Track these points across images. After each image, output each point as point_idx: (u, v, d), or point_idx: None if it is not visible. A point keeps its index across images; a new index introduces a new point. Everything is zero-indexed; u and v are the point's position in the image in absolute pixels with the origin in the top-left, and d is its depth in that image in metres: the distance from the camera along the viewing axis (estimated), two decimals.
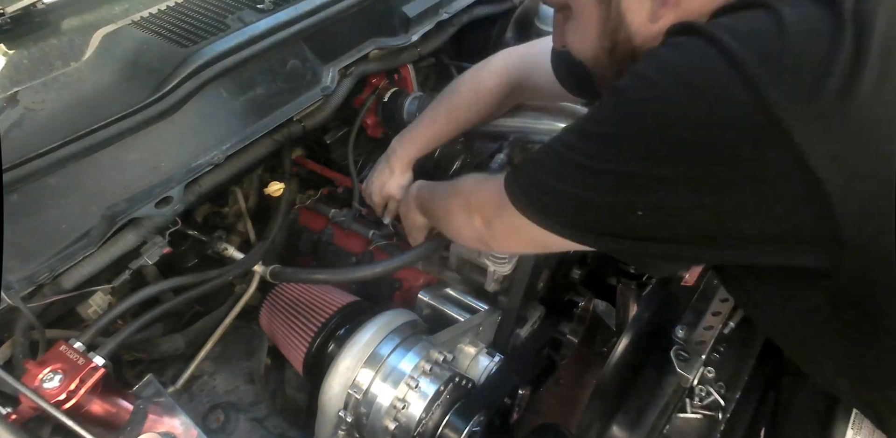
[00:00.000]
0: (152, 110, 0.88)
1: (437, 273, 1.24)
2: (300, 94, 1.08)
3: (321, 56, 1.13)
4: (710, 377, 0.91)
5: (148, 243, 0.91)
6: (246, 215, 1.21)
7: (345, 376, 0.94)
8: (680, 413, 0.91)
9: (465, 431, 0.92)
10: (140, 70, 0.93)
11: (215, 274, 0.99)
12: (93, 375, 0.76)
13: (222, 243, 1.07)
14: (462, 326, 1.08)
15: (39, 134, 0.82)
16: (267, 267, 1.04)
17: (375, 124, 1.32)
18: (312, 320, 1.05)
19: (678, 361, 0.89)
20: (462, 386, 0.98)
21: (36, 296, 0.81)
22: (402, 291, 1.22)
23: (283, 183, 1.14)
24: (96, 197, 0.86)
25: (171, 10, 1.04)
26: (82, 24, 1.08)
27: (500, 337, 1.14)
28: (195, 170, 0.93)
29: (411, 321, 1.03)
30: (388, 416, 0.92)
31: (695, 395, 0.91)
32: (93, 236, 0.84)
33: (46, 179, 0.82)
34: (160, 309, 0.92)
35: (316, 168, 1.34)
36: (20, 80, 0.89)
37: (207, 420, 1.05)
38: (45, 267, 0.80)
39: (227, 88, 0.98)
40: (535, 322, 1.24)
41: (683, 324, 0.94)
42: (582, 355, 1.71)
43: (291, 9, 1.06)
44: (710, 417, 0.90)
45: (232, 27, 1.01)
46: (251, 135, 1.01)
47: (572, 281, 1.34)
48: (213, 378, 1.10)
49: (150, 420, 0.78)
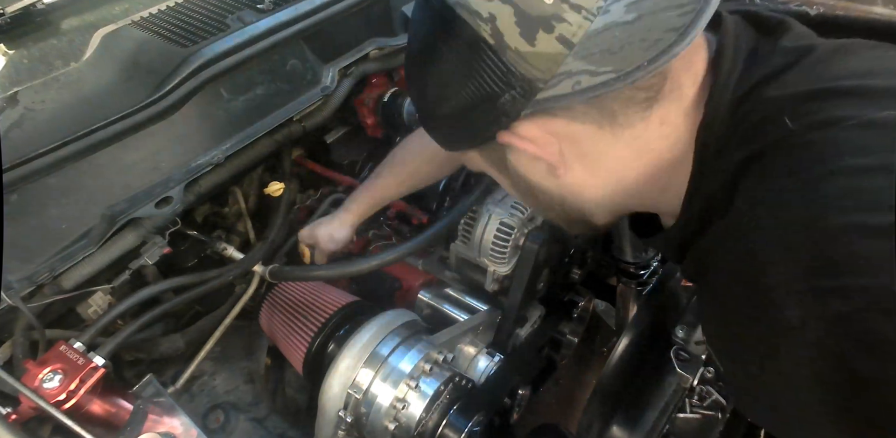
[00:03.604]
0: (152, 110, 0.88)
1: (437, 273, 1.24)
2: (300, 94, 1.08)
3: (321, 56, 1.13)
4: (710, 377, 0.91)
5: (148, 243, 0.91)
6: (246, 215, 1.21)
7: (345, 376, 0.94)
8: (680, 413, 0.91)
9: (465, 431, 0.92)
10: (140, 70, 0.93)
11: (215, 274, 0.99)
12: (93, 375, 0.76)
13: (222, 243, 1.07)
14: (462, 326, 1.08)
15: (39, 134, 0.82)
16: (267, 267, 1.04)
17: (375, 124, 1.32)
18: (312, 320, 1.05)
19: (678, 361, 0.89)
20: (462, 386, 0.98)
21: (36, 296, 0.81)
22: (402, 291, 1.22)
23: (283, 183, 1.14)
24: (96, 197, 0.86)
25: (171, 10, 1.04)
26: (82, 24, 1.08)
27: (500, 337, 1.14)
28: (195, 170, 0.93)
29: (411, 321, 1.03)
30: (388, 416, 0.92)
31: (695, 395, 0.91)
32: (93, 236, 0.84)
33: (46, 179, 0.82)
34: (160, 309, 0.92)
35: (316, 168, 1.34)
36: (20, 80, 0.89)
37: (207, 420, 1.05)
38: (45, 267, 0.80)
39: (227, 88, 0.98)
40: (535, 322, 1.24)
41: (683, 324, 0.94)
42: (582, 355, 1.71)
43: (291, 9, 1.06)
44: (710, 417, 0.90)
45: (232, 27, 1.01)
46: (251, 135, 1.01)
47: (572, 281, 1.34)
48: (213, 378, 1.10)
49: (150, 420, 0.78)
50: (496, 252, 1.08)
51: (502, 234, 1.07)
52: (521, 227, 1.08)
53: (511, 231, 1.07)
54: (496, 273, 1.13)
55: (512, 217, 1.07)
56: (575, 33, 0.46)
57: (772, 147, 0.48)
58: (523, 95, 0.50)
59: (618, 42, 0.46)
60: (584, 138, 0.54)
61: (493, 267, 1.11)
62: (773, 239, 0.44)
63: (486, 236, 1.08)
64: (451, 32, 0.51)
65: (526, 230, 1.08)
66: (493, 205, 1.09)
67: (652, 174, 0.57)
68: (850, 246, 0.40)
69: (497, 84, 0.50)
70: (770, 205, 0.46)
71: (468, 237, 1.11)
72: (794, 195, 0.44)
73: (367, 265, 0.99)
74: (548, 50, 0.47)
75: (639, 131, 0.53)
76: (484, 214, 1.09)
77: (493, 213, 1.08)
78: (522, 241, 1.07)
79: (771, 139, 0.48)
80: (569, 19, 0.46)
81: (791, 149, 0.47)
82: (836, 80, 0.49)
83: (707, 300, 0.57)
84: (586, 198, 0.61)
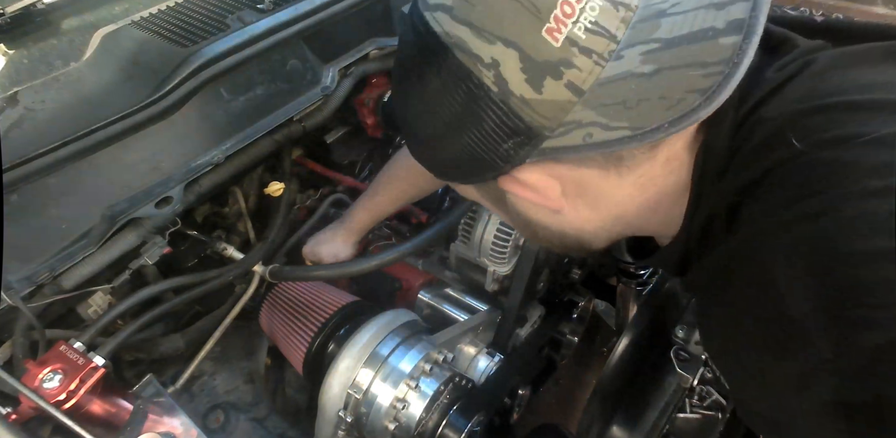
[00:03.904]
0: (152, 110, 0.88)
1: (437, 273, 1.24)
2: (300, 94, 1.08)
3: (321, 56, 1.13)
4: (710, 377, 0.91)
5: (148, 243, 0.91)
6: (246, 215, 1.21)
7: (345, 376, 0.94)
8: (680, 413, 0.91)
9: (465, 431, 0.92)
10: (140, 70, 0.93)
11: (215, 274, 0.99)
12: (93, 375, 0.76)
13: (222, 243, 1.07)
14: (462, 326, 1.08)
15: (39, 134, 0.82)
16: (267, 267, 1.04)
17: (375, 124, 1.32)
18: (312, 320, 1.05)
19: (678, 361, 0.89)
20: (462, 386, 0.98)
21: (36, 296, 0.81)
22: (402, 291, 1.22)
23: (283, 183, 1.14)
24: (96, 197, 0.86)
25: (171, 10, 1.04)
26: (82, 24, 1.08)
27: (500, 337, 1.14)
28: (195, 170, 0.93)
29: (411, 321, 1.03)
30: (388, 416, 0.92)
31: (695, 395, 0.91)
32: (93, 236, 0.84)
33: (46, 179, 0.82)
34: (160, 309, 0.92)
35: (316, 168, 1.34)
36: (20, 80, 0.89)
37: (207, 420, 1.05)
38: (45, 267, 0.80)
39: (227, 88, 0.98)
40: (535, 322, 1.24)
41: (683, 324, 0.94)
42: (582, 355, 1.71)
43: (291, 9, 1.06)
44: (710, 417, 0.90)
45: (232, 27, 1.01)
46: (251, 135, 1.01)
47: (572, 281, 1.34)
48: (213, 378, 1.10)
49: (150, 420, 0.78)
50: (496, 252, 1.08)
51: (502, 234, 1.07)
52: None
53: (511, 231, 1.07)
54: (496, 273, 1.13)
55: None
56: (585, 80, 0.43)
57: (780, 167, 0.46)
58: (528, 143, 0.47)
59: (634, 96, 0.43)
60: (589, 180, 0.52)
61: (493, 267, 1.11)
62: (791, 268, 0.43)
63: (486, 236, 1.08)
64: (447, 71, 0.47)
65: None
66: None
67: (655, 204, 0.55)
68: (871, 272, 0.39)
69: (499, 131, 0.47)
70: (784, 231, 0.44)
71: (468, 237, 1.11)
72: (808, 222, 0.43)
73: (368, 265, 0.99)
74: (556, 97, 0.44)
75: (644, 170, 0.51)
76: (484, 214, 1.09)
77: (493, 214, 1.08)
78: (522, 241, 1.07)
79: (777, 158, 0.46)
80: (578, 64, 0.43)
81: (800, 171, 0.45)
82: (841, 94, 0.47)
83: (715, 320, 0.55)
84: (586, 231, 0.60)
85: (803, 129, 0.46)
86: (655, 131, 0.44)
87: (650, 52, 0.43)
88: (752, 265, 0.47)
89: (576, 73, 0.43)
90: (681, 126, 0.43)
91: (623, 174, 0.51)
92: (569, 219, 0.57)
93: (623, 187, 0.52)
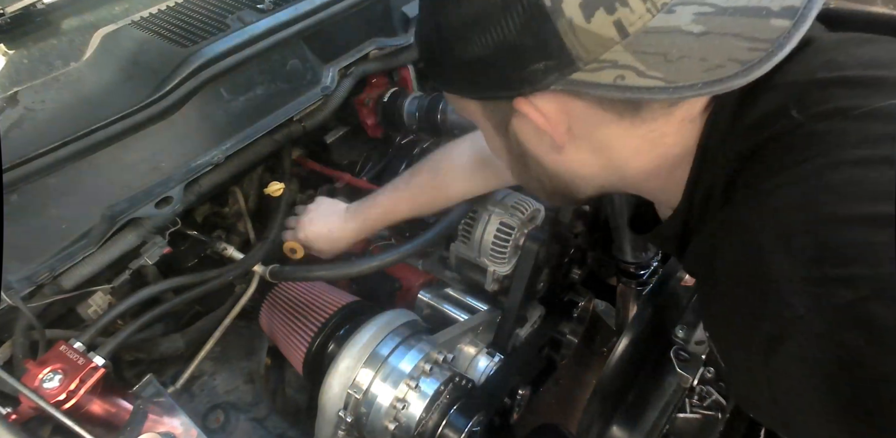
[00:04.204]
0: (152, 110, 0.88)
1: (437, 273, 1.24)
2: (300, 94, 1.08)
3: (321, 56, 1.13)
4: (710, 377, 0.91)
5: (148, 243, 0.91)
6: (246, 215, 1.21)
7: (345, 376, 0.94)
8: (680, 413, 0.91)
9: (465, 431, 0.92)
10: (140, 70, 0.93)
11: (215, 274, 0.99)
12: (93, 375, 0.76)
13: (222, 243, 1.07)
14: (462, 326, 1.08)
15: (39, 134, 0.82)
16: (267, 267, 1.04)
17: (375, 124, 1.32)
18: (312, 320, 1.05)
19: (678, 361, 0.89)
20: (462, 386, 0.98)
21: (36, 296, 0.81)
22: (402, 291, 1.22)
23: (283, 183, 1.14)
24: (96, 197, 0.86)
25: (171, 10, 1.04)
26: (82, 24, 1.08)
27: (500, 337, 1.14)
28: (195, 170, 0.93)
29: (411, 321, 1.03)
30: (388, 416, 0.92)
31: (695, 395, 0.91)
32: (93, 236, 0.84)
33: (46, 179, 0.82)
34: (160, 309, 0.92)
35: (316, 168, 1.34)
36: (20, 80, 0.89)
37: (207, 420, 1.05)
38: (45, 267, 0.80)
39: (227, 88, 0.98)
40: (535, 322, 1.24)
41: (683, 324, 0.94)
42: (582, 355, 1.71)
43: (291, 9, 1.06)
44: (710, 417, 0.90)
45: (232, 27, 1.01)
46: (251, 135, 1.01)
47: (572, 281, 1.34)
48: (213, 378, 1.10)
49: (150, 420, 0.78)
50: (496, 252, 1.08)
51: (502, 234, 1.07)
52: (521, 227, 1.08)
53: (511, 231, 1.07)
54: (496, 273, 1.13)
55: (512, 217, 1.07)
56: (633, 23, 0.43)
57: (775, 138, 0.48)
58: (558, 69, 0.46)
59: (676, 51, 0.44)
60: (601, 124, 0.52)
61: (493, 267, 1.11)
62: (775, 230, 0.44)
63: (486, 236, 1.08)
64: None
65: (526, 230, 1.08)
66: (492, 205, 1.09)
67: (657, 164, 0.56)
68: (853, 235, 0.40)
69: (536, 48, 0.46)
70: (772, 196, 0.46)
71: (468, 237, 1.11)
72: (796, 186, 0.44)
73: (368, 266, 0.99)
74: (601, 32, 0.44)
75: (658, 125, 0.52)
76: (484, 214, 1.09)
77: (493, 213, 1.08)
78: (522, 241, 1.07)
79: (775, 130, 0.48)
80: (632, 5, 0.43)
81: (794, 141, 0.46)
82: (841, 70, 0.48)
83: (709, 293, 0.56)
84: (580, 175, 0.60)
85: (804, 102, 0.47)
86: (688, 89, 0.45)
87: (703, 14, 0.44)
88: (740, 229, 0.48)
89: (627, 14, 0.43)
90: (713, 89, 0.45)
91: (637, 124, 0.52)
92: (567, 159, 0.58)
93: (632, 138, 0.53)
